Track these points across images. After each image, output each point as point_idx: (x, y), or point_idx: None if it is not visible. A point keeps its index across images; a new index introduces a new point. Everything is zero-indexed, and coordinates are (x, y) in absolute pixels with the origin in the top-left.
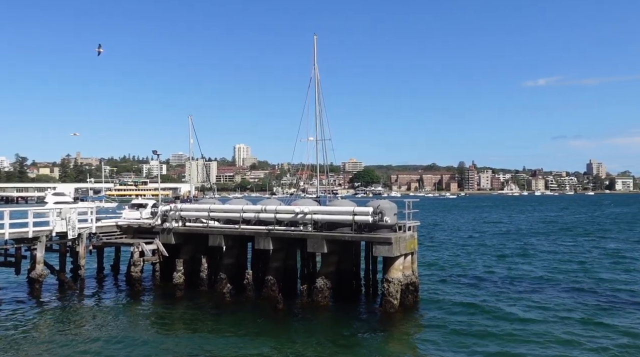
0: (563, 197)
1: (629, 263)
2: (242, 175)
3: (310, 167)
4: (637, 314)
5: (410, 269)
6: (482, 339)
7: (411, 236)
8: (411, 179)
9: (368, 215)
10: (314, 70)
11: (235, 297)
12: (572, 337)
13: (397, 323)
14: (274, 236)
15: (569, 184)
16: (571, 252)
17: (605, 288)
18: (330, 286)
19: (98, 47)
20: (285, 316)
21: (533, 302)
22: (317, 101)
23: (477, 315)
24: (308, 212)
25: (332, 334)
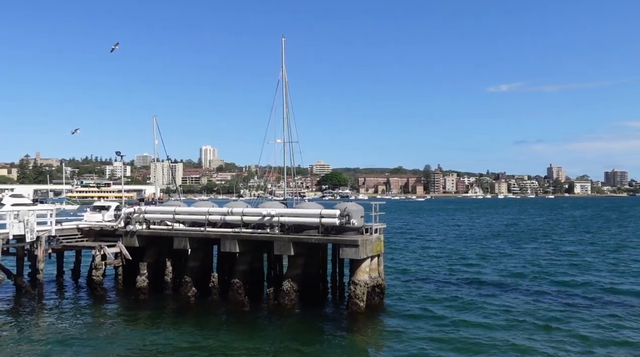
0: (525, 200)
1: (585, 265)
2: (208, 177)
3: (278, 169)
4: (592, 316)
5: (376, 271)
6: (445, 342)
7: (378, 239)
8: (378, 181)
9: (335, 217)
10: (282, 72)
11: (201, 301)
12: (530, 343)
13: (363, 325)
14: (240, 239)
15: (530, 187)
16: (530, 255)
17: (564, 290)
18: (296, 288)
19: (115, 45)
20: (251, 319)
21: (494, 306)
22: (285, 103)
23: (440, 317)
24: (275, 214)
25: (298, 337)
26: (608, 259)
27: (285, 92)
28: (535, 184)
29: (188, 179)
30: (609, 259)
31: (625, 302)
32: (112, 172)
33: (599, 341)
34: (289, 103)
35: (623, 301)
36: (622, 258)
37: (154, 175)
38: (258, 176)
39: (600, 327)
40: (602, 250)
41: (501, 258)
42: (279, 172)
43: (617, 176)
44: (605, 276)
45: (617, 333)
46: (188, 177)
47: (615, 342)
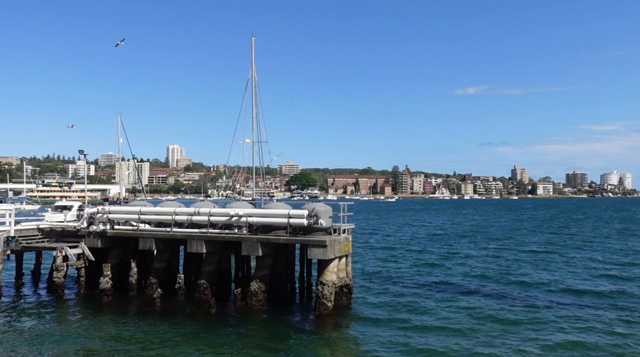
0: (490, 201)
1: (547, 265)
2: (175, 177)
3: (247, 169)
4: (552, 316)
5: (344, 271)
6: (411, 342)
7: (346, 239)
8: (347, 182)
9: (303, 218)
10: (252, 72)
11: (166, 302)
12: (489, 349)
13: (331, 325)
14: (207, 239)
15: (495, 188)
16: (493, 255)
17: (525, 291)
18: (264, 289)
19: (121, 41)
20: (218, 320)
21: (457, 307)
22: (254, 103)
23: (406, 319)
24: (243, 214)
25: (265, 338)
26: (568, 259)
27: (255, 92)
28: (500, 185)
29: (155, 178)
30: (569, 259)
31: (584, 303)
32: (75, 171)
33: (559, 344)
34: (258, 103)
35: (582, 301)
36: (582, 258)
37: (119, 175)
38: (226, 176)
39: (561, 329)
40: (562, 250)
41: (466, 259)
42: (247, 172)
43: (577, 178)
44: (566, 276)
45: (574, 334)
46: (155, 176)
47: (573, 342)
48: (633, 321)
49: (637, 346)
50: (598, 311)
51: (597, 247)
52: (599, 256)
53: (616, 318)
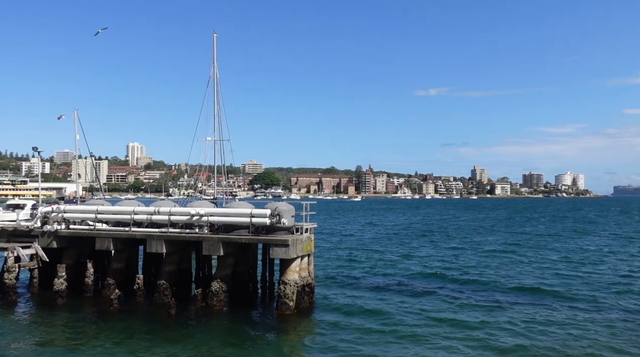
0: (450, 200)
1: (503, 263)
2: (135, 175)
3: (209, 168)
4: (510, 314)
5: (306, 270)
6: (372, 342)
7: (308, 238)
8: (311, 181)
9: (265, 217)
10: (213, 69)
11: (124, 304)
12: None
13: (292, 325)
14: (167, 239)
15: (455, 188)
16: (453, 254)
17: (483, 288)
18: (226, 289)
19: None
20: (178, 321)
21: (417, 306)
22: (216, 100)
23: (368, 317)
24: (204, 214)
25: (226, 339)
26: (522, 258)
27: (217, 89)
28: (460, 185)
29: (113, 176)
30: (524, 258)
31: (538, 302)
32: (29, 169)
33: (516, 344)
34: (220, 100)
35: (536, 299)
36: (537, 256)
37: (76, 173)
38: (188, 175)
39: (517, 330)
40: (517, 249)
41: (425, 258)
42: (209, 171)
43: (534, 178)
44: (520, 275)
45: (528, 334)
46: (113, 174)
47: (526, 343)
48: (583, 318)
49: (587, 344)
50: (552, 310)
51: (550, 246)
52: (552, 254)
53: (569, 317)
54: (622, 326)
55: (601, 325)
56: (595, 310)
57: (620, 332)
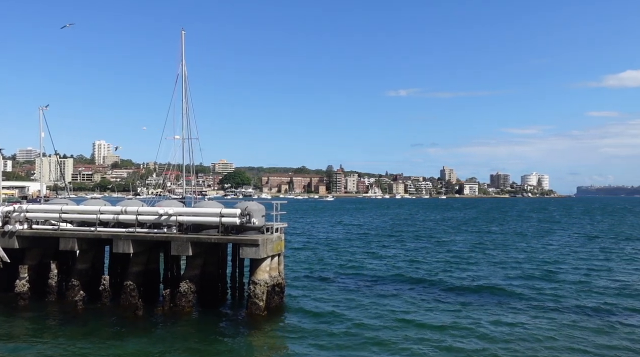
0: (420, 200)
1: (470, 262)
2: (102, 174)
3: (177, 167)
4: (477, 313)
5: (277, 270)
6: (342, 342)
7: (278, 238)
8: (282, 181)
9: (235, 217)
10: (182, 66)
11: (90, 306)
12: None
13: (262, 325)
14: (134, 239)
15: (425, 188)
16: (421, 254)
17: (450, 287)
18: (194, 289)
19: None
20: (145, 323)
21: (385, 306)
22: (184, 98)
23: (338, 317)
24: (173, 213)
25: (195, 340)
26: (489, 257)
27: (185, 87)
28: (430, 185)
29: (79, 175)
30: (491, 257)
31: (504, 302)
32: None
33: (483, 342)
34: (188, 98)
35: (502, 299)
36: (503, 256)
37: (40, 171)
38: (157, 174)
39: (484, 331)
40: (484, 249)
41: (394, 258)
42: (179, 170)
43: (500, 179)
44: (487, 274)
45: (490, 336)
46: (79, 173)
47: (493, 342)
48: (547, 318)
49: (554, 344)
50: (517, 310)
51: (516, 245)
52: (518, 254)
53: (533, 316)
54: (585, 325)
55: (565, 324)
56: (559, 309)
57: (582, 331)
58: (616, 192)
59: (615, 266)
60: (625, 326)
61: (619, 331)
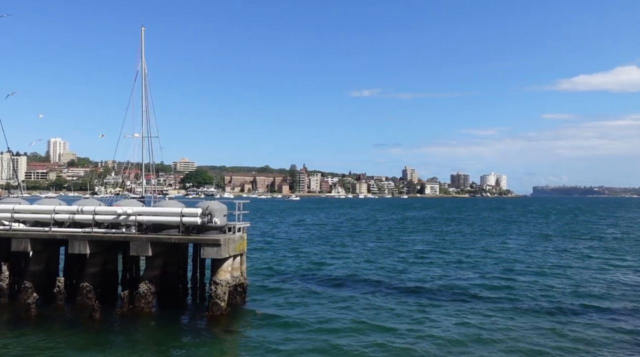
0: (382, 200)
1: (430, 261)
2: (57, 172)
3: (137, 165)
4: (438, 311)
5: (239, 270)
6: (304, 341)
7: (241, 237)
8: (245, 180)
9: (196, 216)
10: (141, 63)
11: (43, 308)
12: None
13: (223, 326)
14: (91, 239)
15: (387, 188)
16: (383, 253)
17: (410, 288)
18: (154, 290)
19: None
20: (102, 326)
21: (346, 306)
22: (144, 96)
23: (299, 318)
24: (132, 213)
25: (155, 342)
26: (451, 257)
27: (145, 84)
28: (392, 185)
29: (33, 174)
30: (452, 257)
31: (465, 302)
32: None
33: (446, 341)
34: (148, 96)
35: (463, 299)
36: (464, 255)
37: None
38: (115, 172)
39: (445, 328)
40: (443, 248)
41: (355, 257)
42: (138, 168)
43: (461, 179)
44: (448, 273)
45: (449, 337)
46: (33, 171)
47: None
48: (504, 317)
49: (509, 344)
50: (474, 308)
51: (474, 245)
52: (475, 253)
53: (490, 316)
54: (539, 324)
55: (521, 323)
56: (515, 309)
57: (537, 331)
58: (570, 192)
59: (569, 265)
60: (579, 325)
61: (573, 330)
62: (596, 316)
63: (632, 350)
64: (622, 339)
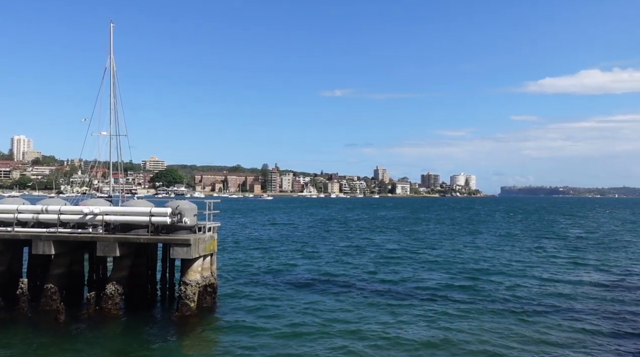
0: (354, 199)
1: (399, 261)
2: (21, 171)
3: (105, 164)
4: (406, 310)
5: (209, 270)
6: (275, 342)
7: (211, 237)
8: (216, 179)
9: (166, 216)
10: (109, 60)
11: (5, 311)
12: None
13: (193, 327)
14: (56, 239)
15: (359, 187)
16: (352, 254)
17: (381, 288)
18: (122, 291)
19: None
20: (68, 328)
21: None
22: (112, 93)
23: (270, 318)
24: (99, 212)
25: (122, 344)
26: (417, 256)
27: (113, 82)
28: (364, 185)
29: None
30: (421, 256)
31: (435, 300)
32: None
33: (414, 342)
34: (117, 93)
35: (432, 297)
36: (432, 254)
37: None
38: (82, 171)
39: (417, 327)
40: (412, 248)
41: (327, 258)
42: (106, 167)
43: (431, 179)
44: (418, 273)
45: (419, 335)
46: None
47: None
48: (472, 317)
49: (476, 345)
50: (441, 308)
51: (443, 244)
52: (444, 252)
53: (458, 315)
54: (510, 324)
55: (489, 324)
56: (483, 308)
57: (506, 330)
58: (536, 192)
59: (535, 264)
60: (544, 325)
61: (538, 330)
62: (561, 316)
63: (593, 349)
64: (585, 339)
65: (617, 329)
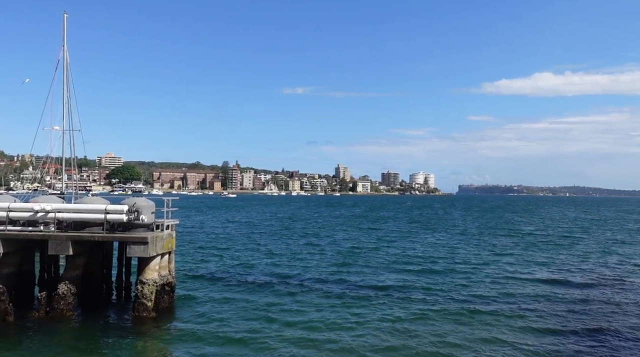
0: (315, 197)
1: (354, 260)
2: None
3: (57, 160)
4: (365, 309)
5: (167, 269)
6: (232, 342)
7: (169, 235)
8: (175, 176)
9: (122, 213)
10: (63, 52)
11: None
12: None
13: (150, 328)
14: (5, 238)
15: (320, 185)
16: (313, 252)
17: (341, 287)
18: (75, 291)
19: None
20: (17, 330)
21: (277, 307)
22: (65, 86)
23: (229, 318)
24: (51, 210)
25: (75, 345)
26: (379, 254)
27: (67, 75)
28: (325, 183)
29: None
30: (380, 254)
31: (384, 297)
32: None
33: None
34: (70, 86)
35: (382, 294)
36: (394, 252)
37: None
38: (33, 167)
39: (375, 327)
40: (370, 245)
41: (287, 256)
42: (59, 163)
43: (391, 177)
44: (376, 271)
45: (380, 335)
46: None
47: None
48: (426, 313)
49: (433, 344)
50: (402, 305)
51: (400, 242)
52: (401, 251)
53: (414, 312)
54: (464, 321)
55: (443, 322)
56: (437, 306)
57: (460, 327)
58: (492, 190)
59: (490, 261)
60: (497, 322)
61: (488, 326)
62: (512, 313)
63: (538, 347)
64: (530, 337)
65: (563, 327)
